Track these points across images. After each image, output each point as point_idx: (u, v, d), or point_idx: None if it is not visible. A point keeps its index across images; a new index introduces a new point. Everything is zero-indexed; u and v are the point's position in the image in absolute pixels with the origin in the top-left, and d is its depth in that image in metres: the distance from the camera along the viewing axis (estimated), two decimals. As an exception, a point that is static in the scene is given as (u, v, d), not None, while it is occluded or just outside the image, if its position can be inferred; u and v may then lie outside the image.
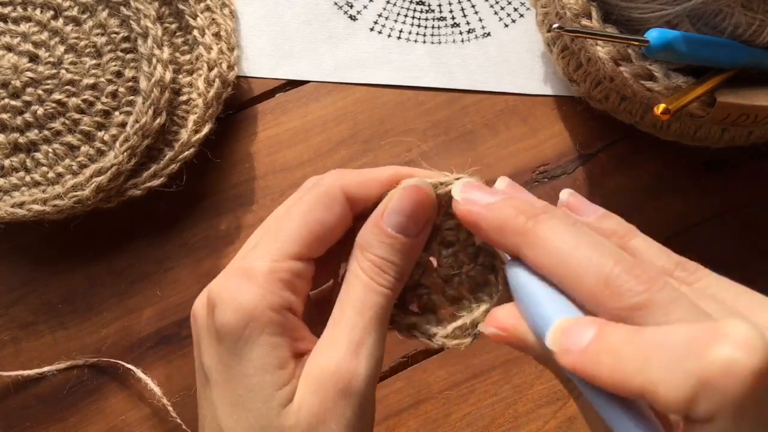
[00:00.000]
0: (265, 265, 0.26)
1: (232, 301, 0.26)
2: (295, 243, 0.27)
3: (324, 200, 0.27)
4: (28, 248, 0.46)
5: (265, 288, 0.26)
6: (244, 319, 0.25)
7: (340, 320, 0.26)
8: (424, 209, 0.27)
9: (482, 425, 0.43)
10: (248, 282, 0.26)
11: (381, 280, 0.27)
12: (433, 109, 0.48)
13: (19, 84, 0.43)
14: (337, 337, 0.26)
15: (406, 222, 0.27)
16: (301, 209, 0.27)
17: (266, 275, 0.26)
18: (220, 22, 0.46)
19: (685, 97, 0.37)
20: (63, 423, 0.43)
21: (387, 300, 0.27)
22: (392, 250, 0.27)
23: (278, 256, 0.27)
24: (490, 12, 0.49)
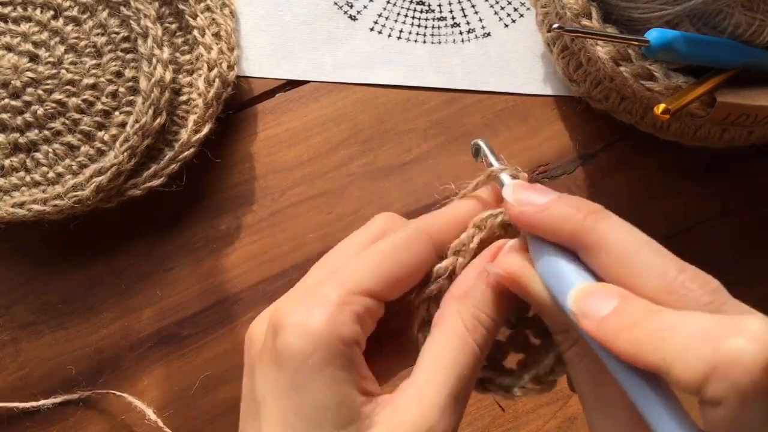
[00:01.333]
0: (339, 295, 0.25)
1: (299, 325, 0.24)
2: (373, 280, 0.25)
3: (412, 243, 0.26)
4: (28, 248, 0.46)
5: (337, 317, 0.24)
6: (312, 346, 0.24)
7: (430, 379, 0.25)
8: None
9: (482, 425, 0.43)
10: (319, 308, 0.24)
11: (478, 337, 0.26)
12: (433, 109, 0.48)
13: (19, 84, 0.43)
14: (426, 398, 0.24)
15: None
16: (386, 248, 0.26)
17: (340, 305, 0.24)
18: (220, 22, 0.46)
19: (685, 97, 0.37)
20: (63, 423, 0.43)
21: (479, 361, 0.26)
22: (498, 308, 0.26)
23: (354, 289, 0.25)
24: (490, 12, 0.49)
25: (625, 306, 0.22)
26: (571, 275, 0.24)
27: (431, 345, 0.26)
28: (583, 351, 0.25)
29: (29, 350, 0.44)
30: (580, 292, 0.23)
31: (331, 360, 0.24)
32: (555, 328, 0.25)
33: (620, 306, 0.22)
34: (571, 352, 0.25)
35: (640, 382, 0.21)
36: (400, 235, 0.26)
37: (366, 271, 0.25)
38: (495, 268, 0.26)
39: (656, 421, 0.20)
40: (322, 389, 0.24)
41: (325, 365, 0.24)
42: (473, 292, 0.26)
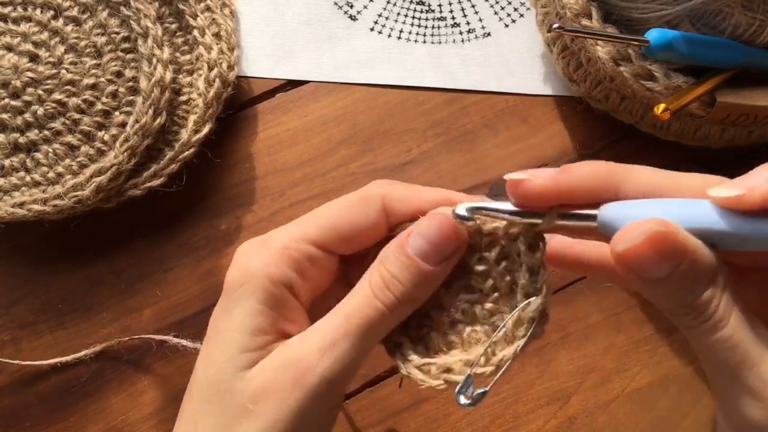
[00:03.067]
0: (281, 240, 0.28)
1: (243, 261, 0.28)
2: (317, 231, 0.28)
3: (361, 202, 0.28)
4: (28, 248, 0.46)
5: (271, 258, 0.27)
6: (243, 279, 0.27)
7: (325, 318, 0.27)
8: (450, 243, 0.27)
9: (482, 425, 0.43)
10: (261, 249, 0.28)
11: (381, 296, 0.27)
12: (433, 109, 0.48)
13: (20, 84, 0.43)
14: (316, 332, 0.27)
15: (428, 249, 0.27)
16: (337, 205, 0.29)
17: (278, 248, 0.27)
18: (220, 22, 0.46)
19: (685, 97, 0.37)
20: (63, 423, 0.43)
21: (380, 316, 0.27)
22: (405, 272, 0.27)
23: (297, 236, 0.28)
24: (490, 12, 0.49)
25: None
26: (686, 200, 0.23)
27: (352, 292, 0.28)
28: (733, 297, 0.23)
29: (29, 350, 0.44)
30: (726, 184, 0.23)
31: (252, 292, 0.27)
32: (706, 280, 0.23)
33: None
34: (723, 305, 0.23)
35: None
36: (354, 195, 0.29)
37: (314, 222, 0.28)
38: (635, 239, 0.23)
39: None
40: (239, 315, 0.27)
41: (246, 296, 0.27)
42: (388, 255, 0.27)
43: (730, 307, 0.23)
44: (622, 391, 0.43)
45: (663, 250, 0.23)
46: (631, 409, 0.43)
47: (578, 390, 0.43)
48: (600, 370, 0.43)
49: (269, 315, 0.27)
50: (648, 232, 0.23)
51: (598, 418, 0.42)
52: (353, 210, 0.28)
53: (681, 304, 0.24)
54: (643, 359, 0.43)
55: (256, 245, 0.28)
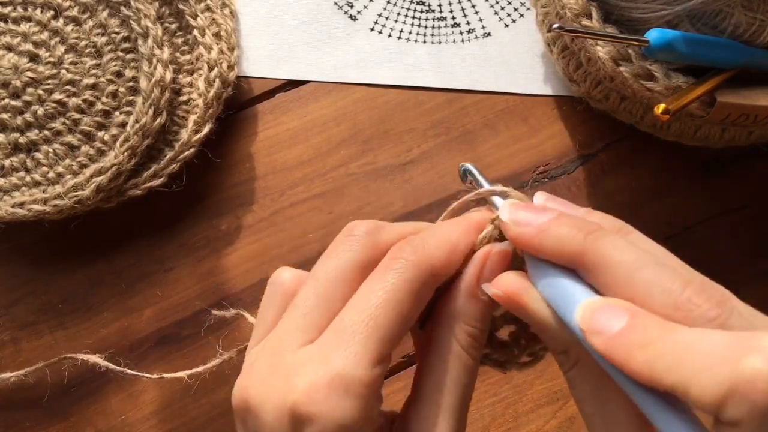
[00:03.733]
0: (362, 376, 0.23)
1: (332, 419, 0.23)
2: (384, 343, 0.24)
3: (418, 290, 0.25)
4: (28, 248, 0.46)
5: (366, 404, 0.23)
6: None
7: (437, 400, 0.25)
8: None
9: (482, 425, 0.43)
10: (346, 396, 0.23)
11: (475, 353, 0.26)
12: (433, 109, 0.48)
13: (20, 84, 0.43)
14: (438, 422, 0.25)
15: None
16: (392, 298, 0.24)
17: (366, 388, 0.23)
18: (220, 22, 0.46)
19: (685, 97, 0.37)
20: (63, 423, 0.43)
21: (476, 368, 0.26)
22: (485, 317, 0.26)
23: (371, 362, 0.23)
24: (490, 12, 0.49)
25: (637, 322, 0.21)
26: (576, 291, 0.23)
27: (430, 366, 0.26)
28: (585, 371, 0.24)
29: (29, 350, 0.44)
30: (588, 308, 0.22)
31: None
32: (555, 348, 0.25)
33: (632, 322, 0.21)
34: (572, 373, 0.25)
35: (658, 401, 0.20)
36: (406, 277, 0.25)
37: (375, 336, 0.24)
38: (491, 288, 0.26)
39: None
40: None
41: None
42: (464, 310, 0.26)
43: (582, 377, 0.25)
44: (622, 391, 0.43)
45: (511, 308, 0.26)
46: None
47: (578, 390, 0.43)
48: (600, 370, 0.43)
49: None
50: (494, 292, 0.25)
51: (598, 418, 0.42)
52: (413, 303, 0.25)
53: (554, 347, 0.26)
54: (643, 359, 0.43)
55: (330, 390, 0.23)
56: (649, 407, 0.21)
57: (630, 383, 0.21)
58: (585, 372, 0.24)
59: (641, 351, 0.20)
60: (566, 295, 0.23)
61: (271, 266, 0.45)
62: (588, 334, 0.22)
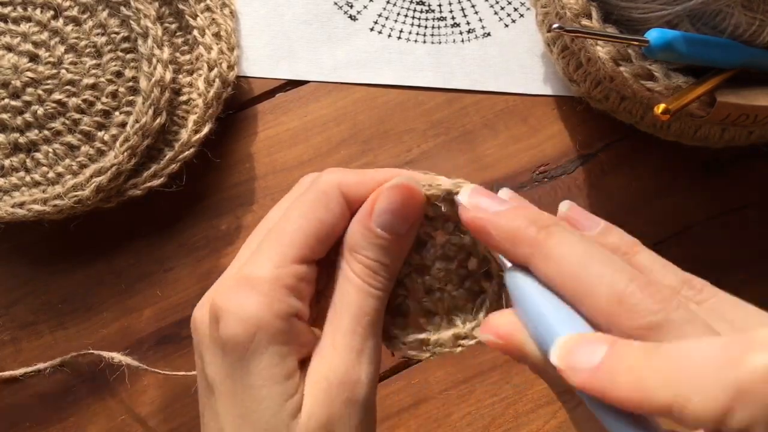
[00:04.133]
0: (268, 272, 0.25)
1: (237, 312, 0.25)
2: (297, 246, 0.26)
3: (323, 199, 0.27)
4: (28, 248, 0.46)
5: (270, 297, 0.25)
6: (251, 331, 0.25)
7: (338, 326, 0.26)
8: (413, 206, 0.27)
9: (482, 425, 0.43)
10: (252, 291, 0.25)
11: (374, 283, 0.26)
12: (433, 109, 0.48)
13: (19, 84, 0.43)
14: (338, 345, 0.26)
15: (395, 220, 0.26)
16: (300, 210, 0.27)
17: (271, 283, 0.25)
18: (220, 22, 0.46)
19: (685, 97, 0.37)
20: (63, 423, 0.43)
21: (381, 302, 0.27)
22: (383, 251, 0.26)
23: (281, 261, 0.26)
24: (490, 12, 0.49)
25: (618, 349, 0.20)
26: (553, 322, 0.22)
27: (334, 297, 0.27)
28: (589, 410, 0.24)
29: (29, 350, 0.44)
30: (563, 347, 0.21)
31: (270, 339, 0.25)
32: (558, 388, 0.25)
33: (612, 350, 0.20)
34: (578, 412, 0.25)
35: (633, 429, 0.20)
36: (308, 194, 0.27)
37: (289, 238, 0.26)
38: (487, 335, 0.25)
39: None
40: (267, 367, 0.25)
41: (266, 345, 0.25)
42: (358, 241, 0.27)
43: None
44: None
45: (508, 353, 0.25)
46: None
47: (578, 390, 0.43)
48: (600, 370, 0.43)
49: (293, 351, 0.26)
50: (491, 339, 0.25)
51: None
52: (319, 211, 0.27)
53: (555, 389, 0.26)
54: (643, 359, 0.43)
55: (240, 288, 0.25)
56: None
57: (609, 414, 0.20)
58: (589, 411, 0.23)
59: (627, 375, 0.19)
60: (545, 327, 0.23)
61: (271, 266, 0.45)
62: (568, 373, 0.21)
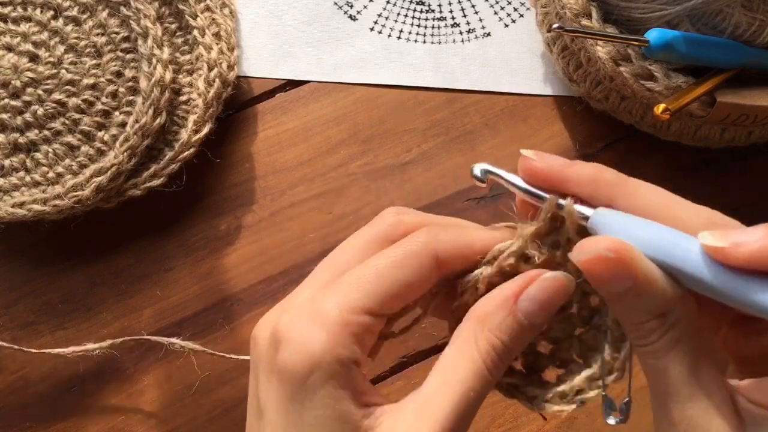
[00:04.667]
0: (339, 315, 0.25)
1: (301, 343, 0.25)
2: (373, 299, 0.25)
3: (414, 262, 0.26)
4: (28, 248, 0.46)
5: (336, 338, 0.25)
6: (311, 367, 0.24)
7: (436, 397, 0.25)
8: (560, 303, 0.26)
9: (482, 425, 0.43)
10: (320, 328, 0.25)
11: (492, 367, 0.25)
12: (433, 109, 0.48)
13: (19, 84, 0.43)
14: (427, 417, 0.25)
15: (539, 312, 0.26)
16: (386, 263, 0.26)
17: (339, 326, 0.25)
18: (220, 22, 0.46)
19: (685, 97, 0.37)
20: (63, 423, 0.43)
21: (487, 383, 0.25)
22: (516, 338, 0.26)
23: (354, 308, 0.25)
24: (490, 12, 0.49)
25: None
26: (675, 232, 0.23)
27: (443, 361, 0.26)
28: (678, 335, 0.23)
29: (29, 350, 0.44)
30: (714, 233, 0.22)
31: (328, 380, 0.24)
32: (654, 310, 0.24)
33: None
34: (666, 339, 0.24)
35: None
36: (402, 251, 0.26)
37: (367, 288, 0.26)
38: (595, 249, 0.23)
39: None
40: (320, 407, 0.25)
41: (323, 385, 0.24)
42: (493, 316, 0.26)
43: (674, 343, 0.23)
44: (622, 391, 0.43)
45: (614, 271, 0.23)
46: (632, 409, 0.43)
47: (578, 390, 0.43)
48: (600, 370, 0.43)
49: (350, 398, 0.25)
50: (598, 251, 0.23)
51: (598, 418, 0.42)
52: (407, 272, 0.26)
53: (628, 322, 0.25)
54: (643, 359, 0.43)
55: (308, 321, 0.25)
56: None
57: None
58: (678, 337, 0.23)
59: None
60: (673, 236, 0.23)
61: (271, 266, 0.45)
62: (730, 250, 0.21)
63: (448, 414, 0.24)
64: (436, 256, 0.26)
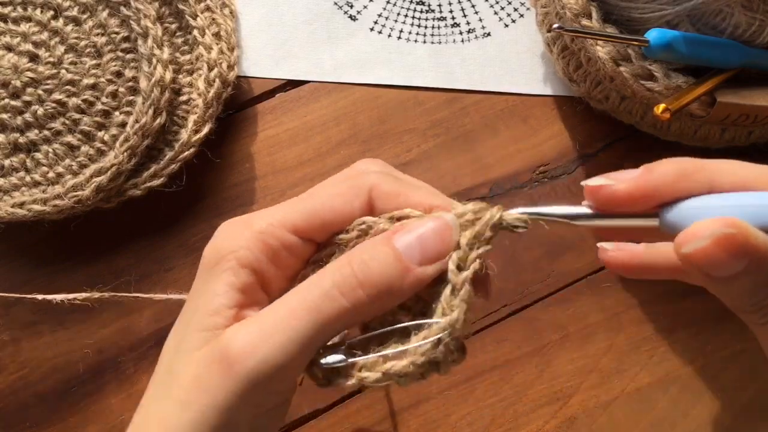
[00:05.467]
0: (261, 225, 0.27)
1: (219, 240, 0.28)
2: (301, 216, 0.27)
3: (349, 192, 0.27)
4: (28, 248, 0.46)
5: (246, 242, 0.27)
6: (214, 259, 0.27)
7: (273, 307, 0.26)
8: (443, 247, 0.25)
9: (482, 425, 0.43)
10: (240, 230, 0.27)
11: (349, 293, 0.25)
12: (433, 109, 0.48)
13: (19, 84, 0.43)
14: (254, 322, 0.25)
15: (417, 249, 0.25)
16: (326, 190, 0.28)
17: (255, 233, 0.27)
18: (220, 22, 0.46)
19: (685, 97, 0.37)
20: (63, 423, 0.43)
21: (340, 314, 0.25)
22: (388, 268, 0.25)
23: (278, 221, 0.27)
24: (490, 12, 0.49)
25: None
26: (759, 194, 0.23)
27: (306, 283, 0.26)
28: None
29: (29, 350, 0.44)
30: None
31: (221, 274, 0.27)
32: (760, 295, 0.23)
33: None
34: None
35: None
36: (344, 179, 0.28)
37: (299, 207, 0.27)
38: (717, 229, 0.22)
39: None
40: (204, 294, 0.27)
41: (216, 277, 0.27)
42: (366, 247, 0.26)
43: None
44: (622, 391, 0.43)
45: (732, 251, 0.22)
46: (631, 409, 0.43)
47: (578, 390, 0.43)
48: (600, 370, 0.43)
49: (231, 297, 0.26)
50: (717, 234, 0.22)
51: (598, 418, 0.42)
52: (341, 200, 0.27)
53: (749, 302, 0.24)
54: (643, 359, 0.43)
55: (237, 225, 0.28)
56: None
57: None
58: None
59: None
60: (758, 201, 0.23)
61: (271, 266, 0.45)
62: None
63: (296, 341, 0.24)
64: (370, 195, 0.27)
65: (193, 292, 0.28)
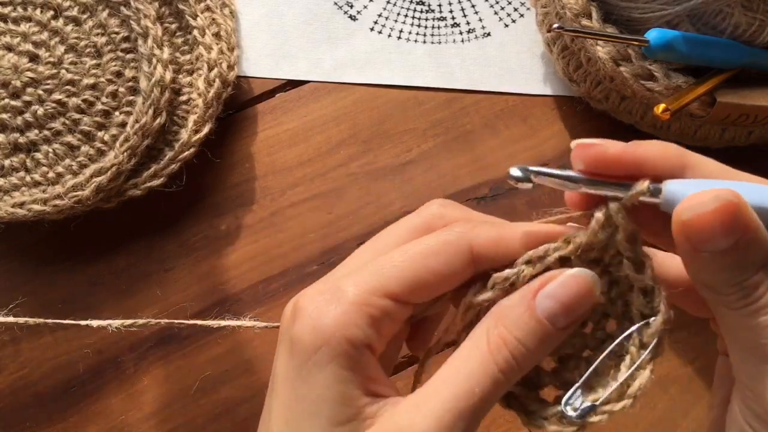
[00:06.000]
0: (357, 295, 0.25)
1: (314, 318, 0.24)
2: (398, 284, 0.25)
3: (448, 251, 0.25)
4: (28, 248, 0.46)
5: (349, 318, 0.24)
6: (318, 342, 0.24)
7: (439, 390, 0.24)
8: (584, 306, 0.25)
9: (482, 425, 0.42)
10: (335, 304, 0.24)
11: (504, 366, 0.24)
12: (433, 109, 0.48)
13: (20, 84, 0.43)
14: (427, 409, 0.24)
15: (560, 312, 0.24)
16: (419, 251, 0.25)
17: (356, 305, 0.24)
18: (220, 22, 0.46)
19: (685, 97, 0.37)
20: (63, 423, 0.43)
21: (496, 387, 0.24)
22: (532, 336, 0.24)
23: (375, 290, 0.25)
24: (490, 12, 0.49)
25: None
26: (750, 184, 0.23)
27: (454, 355, 0.25)
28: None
29: (29, 350, 0.44)
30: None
31: (334, 358, 0.24)
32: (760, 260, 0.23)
33: None
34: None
35: None
36: (436, 239, 0.25)
37: (394, 272, 0.25)
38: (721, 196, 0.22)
39: None
40: (322, 385, 0.24)
41: (328, 362, 0.24)
42: (509, 311, 0.25)
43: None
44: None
45: (728, 222, 0.22)
46: (631, 409, 0.43)
47: (578, 390, 0.43)
48: (600, 370, 0.43)
49: (356, 381, 0.24)
50: (721, 200, 0.22)
51: (598, 418, 0.42)
52: (438, 260, 0.25)
53: (729, 283, 0.23)
54: (643, 359, 0.43)
55: (325, 297, 0.25)
56: None
57: None
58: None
59: None
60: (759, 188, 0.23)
61: (271, 266, 0.45)
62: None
63: (448, 408, 0.23)
64: (471, 249, 0.25)
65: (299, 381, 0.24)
